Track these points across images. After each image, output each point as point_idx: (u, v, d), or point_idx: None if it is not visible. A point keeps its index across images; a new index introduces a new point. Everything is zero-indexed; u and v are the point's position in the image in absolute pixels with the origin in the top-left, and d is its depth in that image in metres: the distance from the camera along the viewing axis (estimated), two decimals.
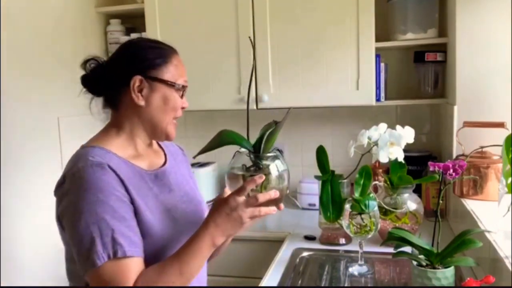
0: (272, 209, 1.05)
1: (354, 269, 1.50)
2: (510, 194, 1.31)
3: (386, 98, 2.15)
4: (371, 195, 1.50)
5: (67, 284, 1.32)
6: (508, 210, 1.28)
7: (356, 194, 1.50)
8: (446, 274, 1.13)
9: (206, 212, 1.23)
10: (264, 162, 1.13)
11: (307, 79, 2.10)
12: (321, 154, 1.69)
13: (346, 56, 2.04)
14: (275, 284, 1.43)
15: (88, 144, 1.14)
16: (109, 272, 0.97)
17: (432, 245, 1.18)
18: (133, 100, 1.12)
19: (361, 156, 1.62)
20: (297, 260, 1.63)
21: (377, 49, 2.03)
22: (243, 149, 1.16)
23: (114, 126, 1.17)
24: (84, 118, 2.32)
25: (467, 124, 1.73)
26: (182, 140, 1.65)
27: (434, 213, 1.20)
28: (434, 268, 1.15)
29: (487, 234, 1.27)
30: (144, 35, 2.36)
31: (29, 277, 1.99)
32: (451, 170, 1.14)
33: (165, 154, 1.27)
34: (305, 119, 2.44)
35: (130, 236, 1.00)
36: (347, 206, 1.48)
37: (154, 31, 2.24)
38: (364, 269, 1.49)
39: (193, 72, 2.17)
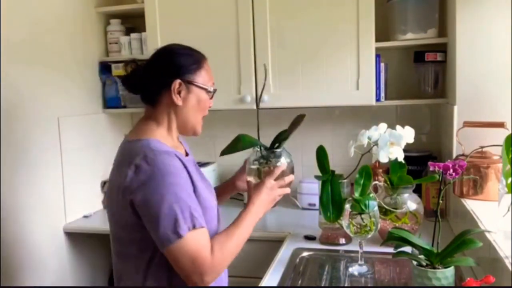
0: (288, 189, 1.44)
1: (354, 269, 1.50)
2: (510, 194, 1.31)
3: (386, 98, 2.15)
4: (371, 195, 1.50)
5: (67, 284, 1.35)
6: (508, 210, 1.28)
7: (356, 194, 1.50)
8: (446, 274, 1.13)
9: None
10: (273, 158, 1.49)
11: (307, 79, 2.10)
12: (321, 154, 1.69)
13: (346, 56, 2.04)
14: (275, 284, 1.43)
15: (138, 136, 1.28)
16: (192, 241, 1.16)
17: (432, 245, 1.18)
18: (172, 100, 1.29)
19: (361, 156, 1.62)
20: (297, 260, 1.63)
21: (377, 49, 2.03)
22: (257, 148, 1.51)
23: (152, 120, 1.32)
24: (84, 118, 2.34)
25: (467, 124, 1.73)
26: (183, 139, 1.66)
27: (434, 213, 1.20)
28: (434, 268, 1.15)
29: (487, 234, 1.27)
30: (144, 35, 2.37)
31: (29, 276, 1.99)
32: (451, 170, 1.14)
33: (183, 147, 1.44)
34: (305, 119, 2.43)
35: (199, 210, 1.20)
36: (347, 206, 1.48)
37: (154, 31, 2.24)
38: (364, 269, 1.49)
39: None
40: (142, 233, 1.20)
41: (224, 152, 1.51)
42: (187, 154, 1.40)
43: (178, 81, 1.28)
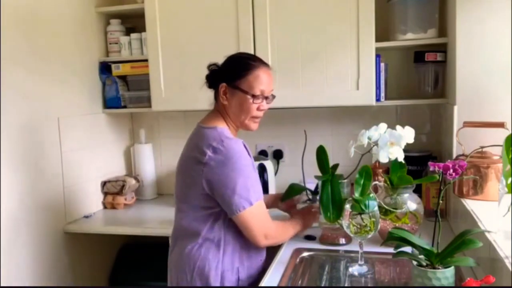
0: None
1: (354, 269, 1.50)
2: (510, 194, 1.31)
3: (386, 98, 2.15)
4: (371, 195, 1.50)
5: (67, 284, 1.35)
6: (508, 210, 1.28)
7: (356, 194, 1.50)
8: (446, 274, 1.13)
9: None
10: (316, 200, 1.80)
11: (307, 79, 2.11)
12: (321, 154, 1.68)
13: (346, 56, 2.04)
14: (275, 284, 1.43)
15: (211, 124, 1.57)
16: (260, 209, 1.53)
17: (432, 245, 1.18)
18: (220, 100, 1.58)
19: (361, 156, 1.62)
20: (297, 260, 1.63)
21: (377, 49, 2.03)
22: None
23: (218, 113, 1.60)
24: (84, 118, 2.34)
25: (467, 124, 1.73)
26: (183, 140, 1.66)
27: (434, 213, 1.20)
28: (434, 268, 1.15)
29: (487, 234, 1.27)
30: (144, 35, 2.37)
31: (29, 276, 1.99)
32: (451, 170, 1.14)
33: None
34: (305, 119, 2.44)
35: (260, 187, 1.56)
36: (347, 206, 1.48)
37: (154, 31, 2.24)
38: (364, 269, 1.49)
39: (193, 72, 2.18)
40: (207, 202, 1.51)
41: (283, 199, 1.87)
42: None
43: (224, 84, 1.55)
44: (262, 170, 2.29)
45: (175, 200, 1.63)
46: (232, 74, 1.55)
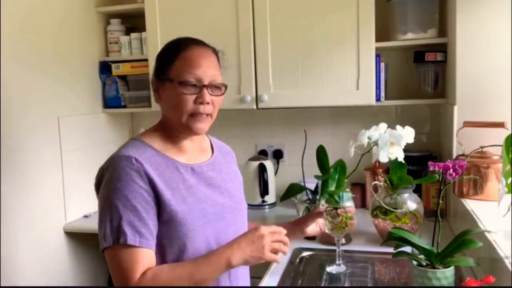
0: (285, 249, 1.17)
1: (332, 269, 1.49)
2: (510, 194, 1.31)
3: (386, 98, 2.15)
4: (347, 190, 1.50)
5: (67, 284, 1.34)
6: (508, 210, 1.28)
7: (331, 188, 1.50)
8: (446, 274, 1.13)
9: (245, 211, 1.36)
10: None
11: (307, 79, 2.10)
12: (321, 154, 1.69)
13: (346, 56, 2.04)
14: (275, 284, 1.43)
15: (136, 136, 1.25)
16: (114, 256, 1.08)
17: (432, 245, 1.18)
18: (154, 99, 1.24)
19: (361, 156, 1.62)
20: (297, 260, 1.63)
21: (377, 49, 2.03)
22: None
23: (160, 122, 1.27)
24: (84, 118, 2.34)
25: (467, 124, 1.73)
26: None
27: (434, 213, 1.20)
28: (434, 268, 1.15)
29: (487, 234, 1.27)
30: (144, 35, 2.37)
31: (29, 276, 1.99)
32: (451, 170, 1.14)
33: (213, 153, 1.34)
34: (305, 119, 2.44)
35: (137, 226, 1.08)
36: (323, 202, 1.47)
37: (154, 31, 2.24)
38: (342, 268, 1.48)
39: None
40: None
41: (283, 199, 1.78)
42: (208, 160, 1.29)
43: (152, 78, 1.24)
44: (262, 170, 2.29)
45: None
46: (160, 65, 1.22)
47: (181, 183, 1.17)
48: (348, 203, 1.46)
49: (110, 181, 1.10)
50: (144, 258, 1.08)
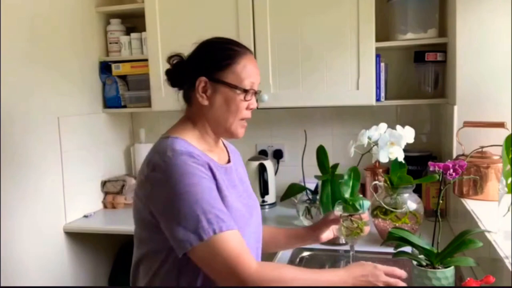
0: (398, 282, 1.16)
1: None
2: (510, 194, 1.31)
3: (386, 98, 2.15)
4: (360, 196, 1.49)
5: (67, 284, 1.33)
6: (508, 210, 1.28)
7: (346, 195, 1.49)
8: (446, 274, 1.13)
9: (258, 208, 1.35)
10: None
11: (307, 79, 2.10)
12: (321, 154, 1.69)
13: (346, 56, 2.04)
14: None
15: (170, 134, 1.20)
16: (221, 245, 1.05)
17: (432, 245, 1.18)
18: (199, 99, 1.20)
19: (361, 156, 1.62)
20: (297, 260, 1.63)
21: (377, 49, 2.03)
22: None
23: (189, 120, 1.25)
24: (84, 118, 2.34)
25: (467, 124, 1.73)
26: None
27: (434, 213, 1.20)
28: (434, 268, 1.15)
29: (487, 234, 1.27)
30: (144, 35, 2.37)
31: (29, 276, 1.99)
32: (451, 170, 1.14)
33: (227, 152, 1.35)
34: (305, 119, 2.44)
35: (226, 213, 1.10)
36: (338, 209, 1.44)
37: (154, 31, 2.24)
38: None
39: None
40: (157, 233, 1.12)
41: (283, 199, 1.80)
42: (229, 161, 1.31)
43: (203, 79, 1.18)
44: (262, 170, 2.29)
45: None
46: (212, 65, 1.20)
47: (222, 182, 1.18)
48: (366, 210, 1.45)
49: (182, 177, 1.08)
50: (244, 240, 1.10)
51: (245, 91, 1.20)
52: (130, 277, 1.27)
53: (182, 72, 1.23)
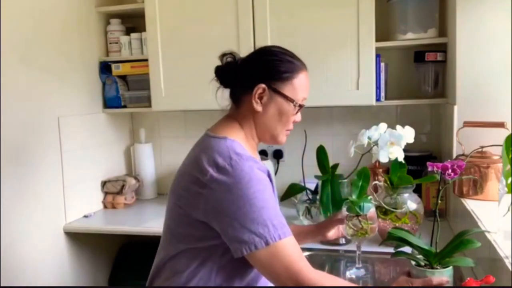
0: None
1: (352, 272, 1.49)
2: (510, 194, 1.30)
3: (386, 98, 2.14)
4: (369, 197, 1.49)
5: (67, 284, 1.33)
6: (508, 210, 1.28)
7: (353, 196, 1.50)
8: (444, 274, 1.13)
9: None
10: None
11: None
12: (321, 154, 1.69)
13: (346, 56, 2.04)
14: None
15: (221, 133, 1.21)
16: (282, 250, 1.09)
17: (431, 245, 1.18)
18: (253, 104, 1.21)
19: (361, 156, 1.62)
20: None
21: (377, 49, 2.03)
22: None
23: (235, 121, 1.26)
24: (84, 118, 2.34)
25: (467, 124, 1.72)
26: (183, 139, 1.66)
27: (434, 213, 1.20)
28: (433, 268, 1.15)
29: (487, 234, 1.27)
30: (144, 35, 2.37)
31: (29, 276, 1.99)
32: (450, 170, 1.14)
33: None
34: (305, 119, 2.43)
35: (284, 219, 1.14)
36: (344, 208, 1.46)
37: (154, 31, 2.24)
38: (362, 272, 1.48)
39: (193, 72, 2.18)
40: (203, 232, 1.15)
41: (283, 199, 1.78)
42: None
43: (262, 85, 1.20)
44: None
45: (163, 228, 1.30)
46: (274, 74, 1.22)
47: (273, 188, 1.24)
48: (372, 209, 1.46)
49: (250, 182, 1.11)
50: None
51: (300, 106, 1.25)
52: (152, 272, 1.28)
53: (234, 72, 1.25)
